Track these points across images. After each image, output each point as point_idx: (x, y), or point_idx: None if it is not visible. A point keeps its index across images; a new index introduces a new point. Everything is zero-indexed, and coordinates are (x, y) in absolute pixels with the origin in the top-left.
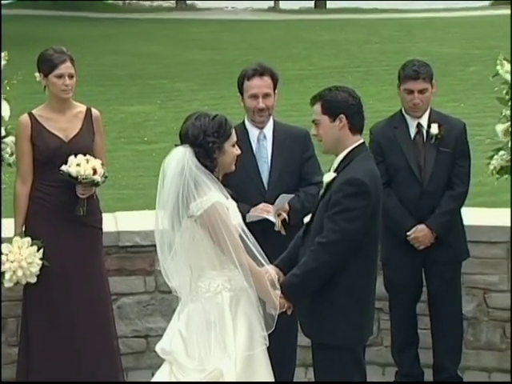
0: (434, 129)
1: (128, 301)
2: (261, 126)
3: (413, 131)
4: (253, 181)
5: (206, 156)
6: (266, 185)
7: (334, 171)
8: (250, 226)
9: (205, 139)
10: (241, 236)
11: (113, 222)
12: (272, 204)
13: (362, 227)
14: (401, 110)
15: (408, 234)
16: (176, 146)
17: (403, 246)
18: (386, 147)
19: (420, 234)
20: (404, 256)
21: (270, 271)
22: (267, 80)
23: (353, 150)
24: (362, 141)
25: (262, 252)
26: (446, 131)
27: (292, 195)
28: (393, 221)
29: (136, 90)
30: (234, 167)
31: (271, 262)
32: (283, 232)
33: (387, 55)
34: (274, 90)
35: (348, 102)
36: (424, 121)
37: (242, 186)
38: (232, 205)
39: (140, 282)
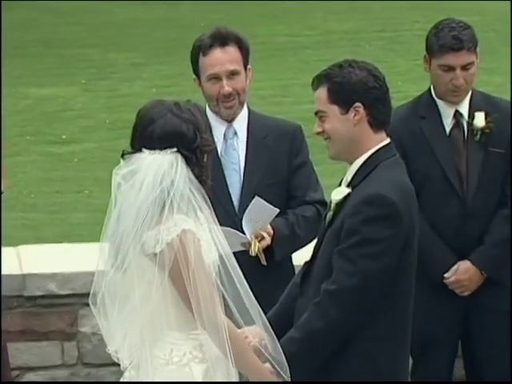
0: (479, 120)
1: (37, 378)
2: (229, 119)
3: (448, 123)
4: (217, 198)
5: (201, 164)
6: (236, 205)
7: (348, 185)
8: None
9: (201, 138)
10: (215, 281)
11: (15, 261)
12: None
13: (390, 267)
14: (429, 93)
15: (446, 275)
16: (128, 152)
17: (437, 289)
18: (409, 146)
19: (464, 276)
20: (438, 303)
21: (253, 334)
22: (232, 52)
23: (375, 153)
24: (387, 141)
25: (253, 300)
26: (496, 122)
27: (276, 210)
28: (422, 255)
29: (49, 63)
30: None
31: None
32: (263, 261)
33: (423, 13)
34: (246, 66)
35: (367, 84)
36: (464, 108)
37: None
38: (205, 234)
39: (55, 351)
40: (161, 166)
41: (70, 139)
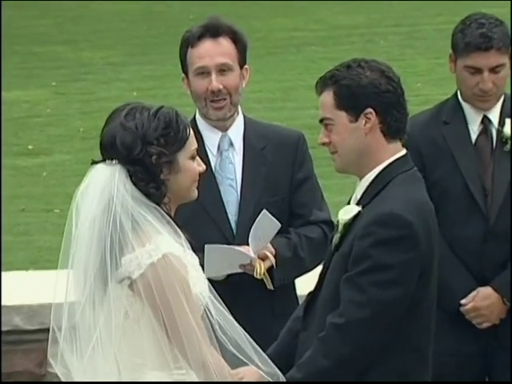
0: (510, 127)
1: None
2: (223, 127)
3: (475, 130)
4: (211, 217)
5: (149, 178)
6: (233, 225)
7: (357, 203)
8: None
9: (144, 150)
10: (205, 314)
11: None
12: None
13: (406, 296)
14: (456, 95)
15: (462, 302)
16: (94, 162)
17: (454, 321)
18: (428, 154)
19: (483, 303)
20: (456, 341)
21: (248, 375)
22: (225, 44)
23: (388, 167)
24: (403, 152)
25: (247, 338)
26: None
27: (278, 224)
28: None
29: (14, 63)
30: (195, 193)
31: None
32: (270, 285)
33: (445, 4)
34: (242, 65)
35: (380, 87)
36: (494, 114)
37: (194, 226)
38: (192, 260)
39: None
40: (99, 179)
41: (38, 150)
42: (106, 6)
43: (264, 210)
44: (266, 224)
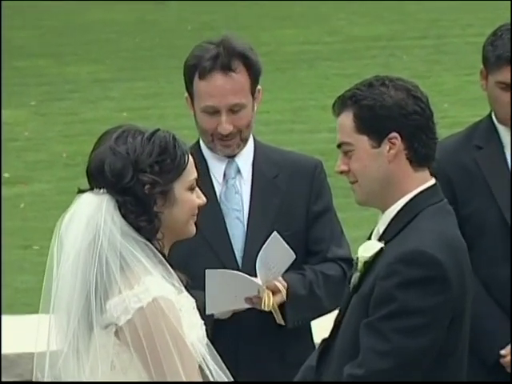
0: None
1: None
2: (230, 153)
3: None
4: (215, 253)
5: (140, 210)
6: (239, 261)
7: (380, 239)
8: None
9: (136, 178)
10: (201, 363)
11: None
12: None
13: (434, 345)
14: (490, 117)
15: (502, 353)
16: (80, 191)
17: (492, 372)
18: (460, 184)
19: None
20: None
21: None
22: (238, 79)
23: (415, 198)
24: (432, 182)
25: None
26: None
27: (293, 255)
28: (472, 326)
29: None
30: (193, 229)
31: None
32: (280, 319)
33: (478, 14)
34: (254, 90)
35: (406, 108)
36: None
37: (196, 261)
38: (187, 304)
39: None
40: (85, 210)
41: (15, 178)
42: (93, 16)
43: (275, 233)
44: (279, 251)
